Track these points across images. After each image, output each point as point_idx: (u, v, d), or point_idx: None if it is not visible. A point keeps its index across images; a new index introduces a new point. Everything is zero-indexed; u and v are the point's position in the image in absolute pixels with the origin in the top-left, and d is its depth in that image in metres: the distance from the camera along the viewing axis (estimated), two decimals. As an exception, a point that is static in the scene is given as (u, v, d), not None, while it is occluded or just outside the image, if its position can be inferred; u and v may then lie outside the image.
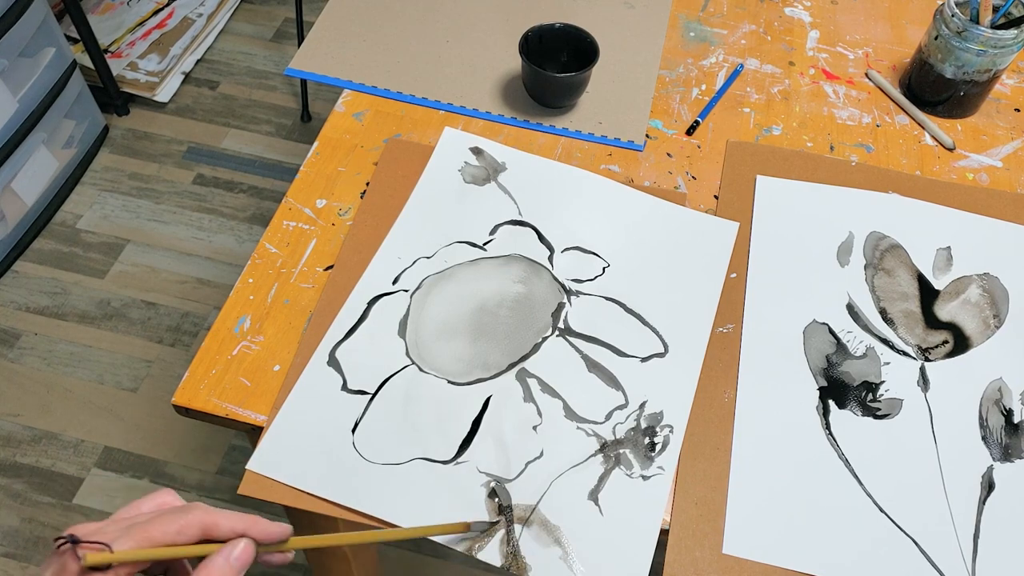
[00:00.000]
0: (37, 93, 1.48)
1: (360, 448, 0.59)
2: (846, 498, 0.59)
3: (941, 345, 0.67)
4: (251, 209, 1.65)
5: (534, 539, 0.56)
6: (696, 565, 0.56)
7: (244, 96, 1.84)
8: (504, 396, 0.62)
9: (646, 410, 0.62)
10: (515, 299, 0.68)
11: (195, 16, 1.91)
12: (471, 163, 0.77)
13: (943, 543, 0.57)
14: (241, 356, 0.64)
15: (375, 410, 0.61)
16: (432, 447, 0.60)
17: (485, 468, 0.59)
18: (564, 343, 0.66)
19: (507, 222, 0.73)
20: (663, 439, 0.61)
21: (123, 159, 1.72)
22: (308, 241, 0.71)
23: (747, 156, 0.79)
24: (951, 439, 0.62)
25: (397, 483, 0.58)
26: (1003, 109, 0.85)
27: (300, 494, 0.57)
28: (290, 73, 0.86)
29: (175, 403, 0.62)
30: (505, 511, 0.57)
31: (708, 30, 0.92)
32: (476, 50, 0.88)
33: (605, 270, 0.70)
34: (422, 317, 0.66)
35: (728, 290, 0.70)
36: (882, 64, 0.89)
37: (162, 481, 1.29)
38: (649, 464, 0.60)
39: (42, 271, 1.54)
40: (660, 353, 0.65)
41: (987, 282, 0.71)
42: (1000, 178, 0.79)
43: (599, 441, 0.61)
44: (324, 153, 0.78)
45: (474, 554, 0.55)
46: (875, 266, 0.72)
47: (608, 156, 0.79)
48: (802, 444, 0.62)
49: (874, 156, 0.80)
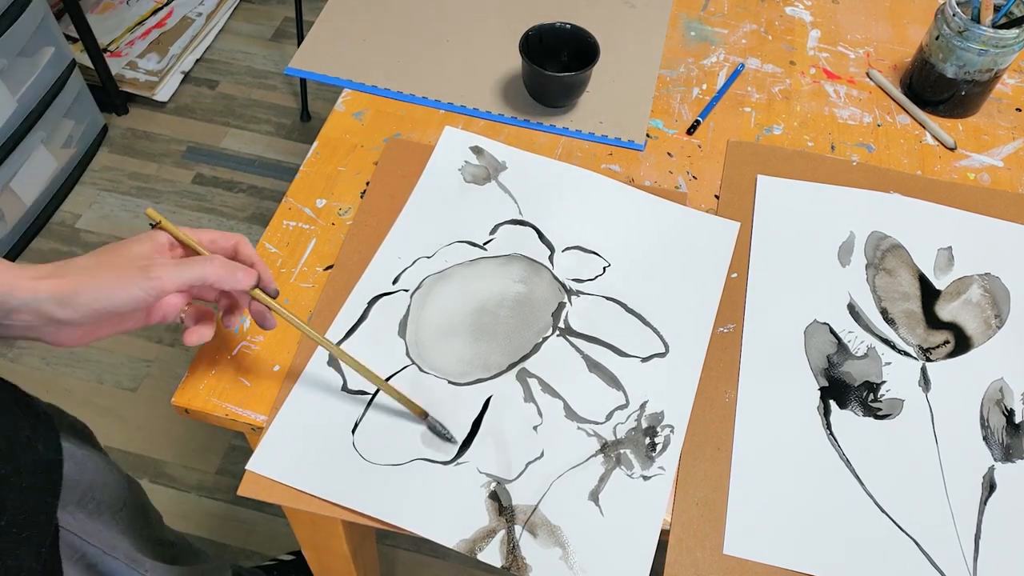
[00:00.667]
0: (36, 92, 1.48)
1: (360, 449, 0.59)
2: (847, 498, 0.59)
3: (942, 345, 0.67)
4: (251, 209, 1.65)
5: (534, 539, 0.56)
6: (697, 566, 0.56)
7: (244, 95, 1.84)
8: (504, 396, 0.62)
9: (647, 410, 0.62)
10: (515, 299, 0.68)
11: (194, 15, 1.91)
12: (471, 162, 0.76)
13: (944, 543, 0.57)
14: (241, 356, 0.64)
15: (375, 411, 0.61)
16: (432, 448, 0.60)
17: (485, 469, 0.59)
18: (565, 343, 0.65)
19: (507, 222, 0.72)
20: (664, 439, 0.61)
21: (122, 159, 1.71)
22: (308, 241, 0.71)
23: (748, 156, 0.79)
24: (952, 439, 0.62)
25: (397, 484, 0.58)
26: (1004, 109, 0.85)
27: (300, 495, 0.57)
28: (290, 72, 0.86)
29: (175, 403, 0.62)
30: (505, 512, 0.57)
31: (709, 29, 0.92)
32: (476, 49, 0.88)
33: (606, 270, 0.70)
34: (422, 317, 0.66)
35: (729, 290, 0.69)
36: (883, 63, 0.89)
37: (161, 481, 1.29)
38: (650, 464, 0.60)
39: (41, 271, 1.54)
40: (661, 353, 0.65)
41: (988, 282, 0.71)
42: (1001, 178, 0.79)
43: (600, 441, 0.60)
44: (324, 153, 0.78)
45: (475, 555, 0.55)
46: (876, 266, 0.72)
47: (609, 156, 0.79)
48: (803, 444, 0.61)
49: (875, 156, 0.80)
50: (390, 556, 1.22)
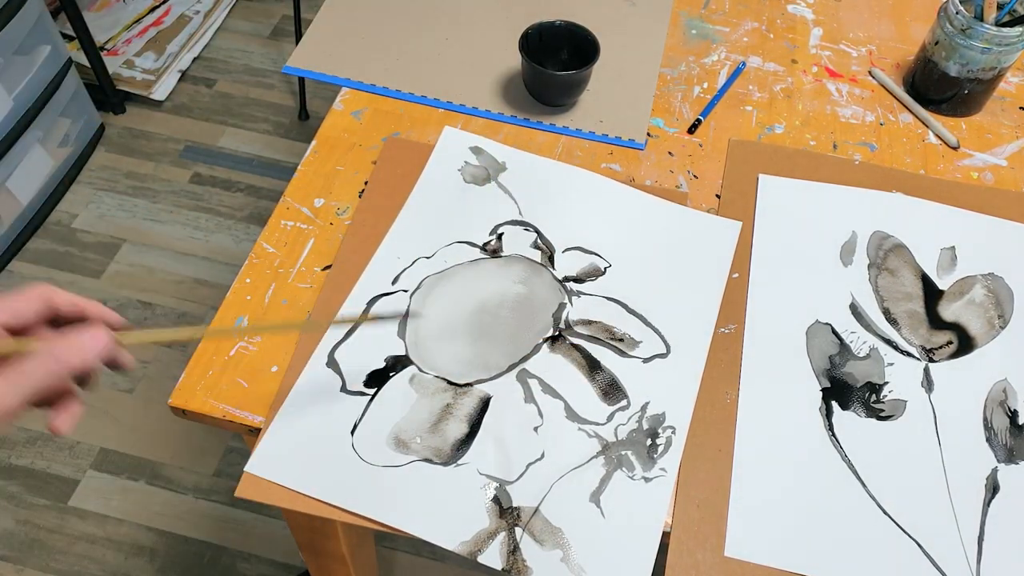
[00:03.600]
0: (32, 91, 1.47)
1: (359, 450, 0.59)
2: (849, 500, 0.59)
3: (945, 346, 0.67)
4: (248, 208, 1.64)
5: (535, 541, 0.55)
6: (698, 568, 0.55)
7: (241, 94, 1.83)
8: (505, 397, 0.62)
9: (648, 411, 0.62)
10: (516, 299, 0.67)
11: (192, 13, 1.91)
12: (471, 163, 0.76)
13: (947, 546, 0.57)
14: (238, 357, 0.63)
15: (374, 412, 0.61)
16: (432, 449, 0.59)
17: (485, 470, 0.58)
18: (565, 344, 0.65)
19: (507, 222, 0.72)
20: (665, 440, 0.60)
21: (119, 158, 1.71)
22: (306, 241, 0.71)
23: (749, 155, 0.79)
24: (955, 441, 0.62)
25: (397, 485, 0.57)
26: (1008, 107, 0.85)
27: (299, 496, 0.57)
28: (288, 71, 0.85)
29: (171, 404, 0.61)
30: (506, 514, 0.56)
31: (710, 27, 0.91)
32: (476, 48, 0.87)
33: (606, 270, 0.69)
34: (422, 318, 0.66)
35: (730, 290, 0.69)
36: (885, 62, 0.89)
37: (158, 483, 1.28)
38: (651, 466, 0.59)
39: (37, 271, 1.53)
40: (662, 354, 0.65)
41: (992, 282, 0.71)
42: (1005, 177, 0.79)
43: (600, 443, 0.60)
44: (322, 152, 0.77)
45: (475, 558, 0.54)
46: (879, 266, 0.71)
47: (609, 155, 0.78)
48: (805, 446, 0.61)
49: (878, 155, 0.80)
50: (389, 558, 1.21)
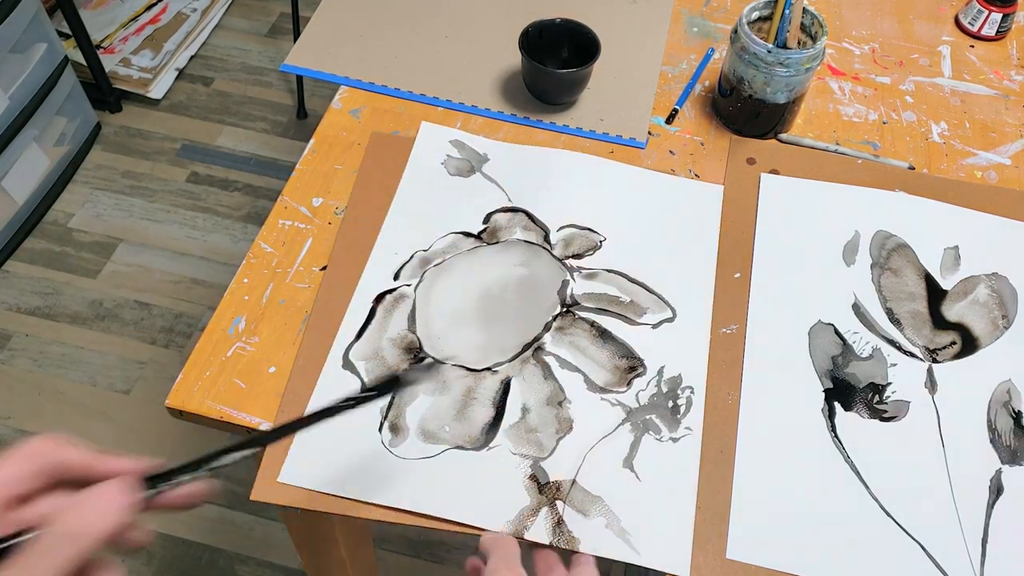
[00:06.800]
0: (28, 89, 1.47)
1: (391, 446, 0.59)
2: (852, 502, 0.58)
3: (949, 346, 0.66)
4: (246, 208, 1.64)
5: (578, 512, 0.56)
6: (699, 571, 0.55)
7: (239, 93, 1.82)
8: (525, 377, 0.63)
9: (665, 374, 0.63)
10: (519, 281, 0.68)
11: (189, 11, 1.90)
12: (453, 156, 0.76)
13: (951, 548, 0.57)
14: (236, 358, 0.63)
15: (399, 406, 0.61)
16: (462, 436, 0.60)
17: (518, 450, 0.59)
18: (575, 318, 0.66)
19: (499, 209, 0.73)
20: (686, 400, 0.62)
21: (116, 157, 1.70)
22: (304, 240, 0.70)
23: (751, 153, 0.78)
24: (959, 442, 0.61)
25: (434, 475, 0.58)
26: (1012, 106, 0.84)
27: (319, 496, 0.56)
28: (286, 69, 0.85)
29: (168, 405, 0.61)
30: (545, 489, 0.57)
31: (711, 25, 0.91)
32: (475, 46, 0.87)
33: (602, 243, 0.70)
34: (430, 310, 0.66)
35: (732, 290, 0.69)
36: (889, 60, 0.88)
37: (156, 483, 1.28)
38: (676, 426, 0.61)
39: (33, 271, 1.52)
40: (669, 318, 0.67)
41: (995, 282, 0.70)
42: (1009, 176, 0.78)
43: (625, 410, 0.62)
44: (320, 150, 0.77)
45: (522, 535, 0.55)
46: (882, 266, 0.71)
47: (610, 153, 0.78)
48: (807, 447, 0.61)
49: (880, 153, 0.79)
50: (388, 561, 1.21)
